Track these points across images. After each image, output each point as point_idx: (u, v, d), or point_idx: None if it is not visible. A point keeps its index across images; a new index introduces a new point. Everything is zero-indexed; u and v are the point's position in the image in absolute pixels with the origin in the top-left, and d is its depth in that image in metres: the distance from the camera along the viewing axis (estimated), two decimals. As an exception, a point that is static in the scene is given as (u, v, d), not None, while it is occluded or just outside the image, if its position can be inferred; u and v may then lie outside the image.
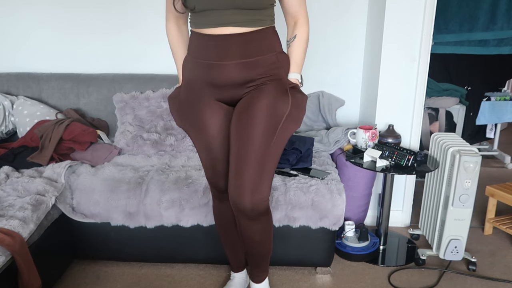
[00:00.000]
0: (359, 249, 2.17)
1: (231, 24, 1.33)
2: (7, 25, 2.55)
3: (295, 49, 1.45)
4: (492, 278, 2.01)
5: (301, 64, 1.47)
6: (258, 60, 1.37)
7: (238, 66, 1.36)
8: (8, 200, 1.77)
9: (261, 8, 1.34)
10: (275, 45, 1.41)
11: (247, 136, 1.36)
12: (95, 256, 2.05)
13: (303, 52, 1.47)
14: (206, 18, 1.34)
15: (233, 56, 1.35)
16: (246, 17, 1.33)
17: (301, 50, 1.45)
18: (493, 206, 2.40)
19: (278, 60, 1.42)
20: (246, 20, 1.33)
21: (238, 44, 1.34)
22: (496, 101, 3.46)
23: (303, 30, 1.45)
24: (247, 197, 1.39)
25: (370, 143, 2.15)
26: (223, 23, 1.33)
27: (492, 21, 3.27)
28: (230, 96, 1.44)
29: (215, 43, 1.35)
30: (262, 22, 1.36)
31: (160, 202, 1.87)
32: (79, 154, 2.15)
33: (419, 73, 2.24)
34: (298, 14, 1.44)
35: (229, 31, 1.33)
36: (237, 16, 1.32)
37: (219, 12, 1.32)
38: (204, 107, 1.44)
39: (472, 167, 1.87)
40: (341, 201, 1.85)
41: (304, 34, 1.45)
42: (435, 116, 3.37)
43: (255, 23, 1.35)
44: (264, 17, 1.37)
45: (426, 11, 2.14)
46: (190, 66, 1.46)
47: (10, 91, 2.49)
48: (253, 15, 1.33)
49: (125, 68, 2.60)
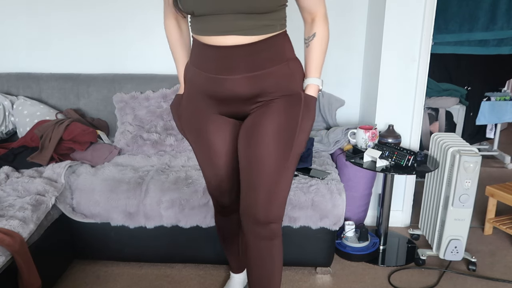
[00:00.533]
0: (359, 249, 2.17)
1: (233, 32, 1.15)
2: (7, 25, 2.55)
3: (315, 49, 1.28)
4: (492, 278, 2.01)
5: (321, 67, 1.31)
6: (267, 73, 1.21)
7: (244, 81, 1.20)
8: (8, 200, 1.77)
9: (270, 12, 1.16)
10: (285, 52, 1.25)
11: (258, 160, 1.24)
12: (95, 256, 2.05)
13: (324, 52, 1.30)
14: (205, 25, 1.18)
15: (238, 70, 1.19)
16: (252, 22, 1.15)
17: (321, 50, 1.29)
18: (493, 206, 2.40)
19: (290, 69, 1.26)
20: (251, 27, 1.15)
21: (243, 56, 1.17)
22: (496, 101, 3.46)
23: (323, 28, 1.28)
24: (262, 215, 1.28)
25: (370, 143, 2.15)
26: (224, 30, 1.16)
27: (492, 21, 3.27)
28: (236, 111, 1.30)
29: (216, 54, 1.19)
30: (270, 28, 1.18)
31: (160, 202, 1.87)
32: (79, 154, 2.15)
33: (419, 73, 2.24)
34: (316, 10, 1.26)
35: (232, 41, 1.16)
36: (241, 22, 1.14)
37: (219, 18, 1.15)
38: (208, 122, 1.32)
39: (472, 167, 1.87)
40: (341, 201, 1.85)
41: (324, 32, 1.28)
42: (435, 116, 3.37)
43: (263, 30, 1.17)
44: (273, 22, 1.18)
45: (426, 11, 2.14)
46: (191, 75, 1.31)
47: (10, 91, 2.49)
48: (259, 20, 1.15)
49: (125, 68, 2.60)
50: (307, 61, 1.30)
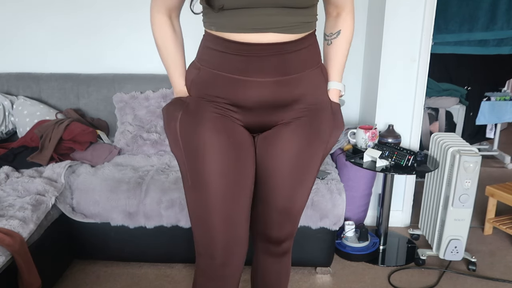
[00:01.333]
0: (359, 249, 2.17)
1: (273, 29, 0.99)
2: (8, 25, 2.54)
3: (339, 49, 1.14)
4: (492, 278, 2.01)
5: (343, 70, 1.17)
6: (301, 77, 1.06)
7: (273, 85, 1.04)
8: (8, 200, 1.77)
9: (311, 6, 1.03)
10: (319, 54, 1.12)
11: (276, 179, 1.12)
12: (95, 256, 2.05)
13: (347, 53, 1.16)
14: (236, 20, 0.99)
15: (269, 71, 1.02)
16: (293, 18, 1.00)
17: (345, 50, 1.15)
18: (493, 206, 2.40)
19: (324, 75, 1.13)
20: (292, 24, 1.00)
21: (277, 56, 1.02)
22: (496, 101, 3.46)
23: (349, 25, 1.14)
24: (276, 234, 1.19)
25: (370, 143, 2.15)
26: (261, 27, 0.99)
27: (492, 21, 3.27)
28: (258, 121, 1.10)
29: (246, 53, 1.01)
30: (308, 25, 1.05)
31: (160, 202, 1.87)
32: (79, 154, 2.15)
33: (419, 73, 2.24)
34: (344, 4, 1.11)
35: (269, 38, 1.00)
36: (282, 17, 0.99)
37: (255, 12, 0.98)
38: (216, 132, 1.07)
39: (472, 167, 1.87)
40: (341, 201, 1.85)
41: (350, 30, 1.15)
42: (435, 116, 3.37)
43: (302, 27, 1.03)
44: (312, 18, 1.05)
45: (426, 11, 2.14)
46: (205, 77, 1.08)
47: (10, 91, 2.49)
48: (300, 16, 1.01)
49: (125, 68, 2.60)
50: (329, 61, 1.16)
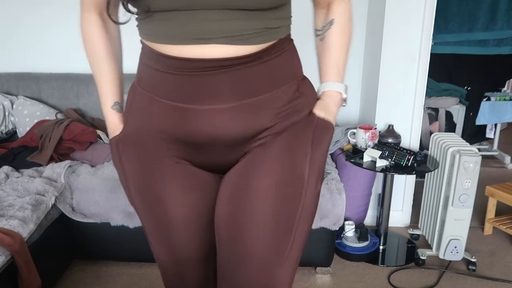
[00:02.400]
0: (359, 249, 2.17)
1: (218, 39, 0.73)
2: (7, 25, 2.54)
3: (333, 41, 0.87)
4: (492, 278, 2.01)
5: (344, 67, 0.89)
6: (268, 99, 0.79)
7: (231, 112, 0.77)
8: (8, 200, 1.77)
9: (274, 7, 0.74)
10: (295, 66, 0.84)
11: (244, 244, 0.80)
12: (95, 256, 2.05)
13: (347, 46, 0.89)
14: (170, 26, 0.73)
15: (222, 96, 0.76)
16: (249, 24, 0.73)
17: (342, 42, 0.88)
18: (493, 206, 2.40)
19: (301, 92, 0.83)
20: (248, 32, 0.73)
21: (233, 74, 0.75)
22: (496, 101, 3.46)
23: (343, 12, 0.88)
24: None
25: (370, 143, 2.15)
26: (204, 37, 0.73)
27: (492, 21, 3.27)
28: (214, 161, 0.85)
29: (190, 72, 0.75)
30: (274, 32, 0.77)
31: (160, 202, 1.86)
32: (79, 154, 2.15)
33: (419, 73, 2.24)
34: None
35: (217, 52, 0.73)
36: (232, 23, 0.72)
37: (195, 16, 0.71)
38: (167, 178, 0.84)
39: (472, 167, 1.87)
40: (341, 201, 1.85)
41: (345, 17, 0.88)
42: (435, 116, 3.37)
43: (264, 36, 0.76)
44: (278, 23, 0.78)
45: (426, 11, 2.14)
46: (140, 103, 0.84)
47: (10, 91, 2.49)
48: (259, 21, 0.74)
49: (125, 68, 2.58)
50: (322, 59, 0.90)
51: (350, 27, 0.91)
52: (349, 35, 0.90)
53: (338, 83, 0.89)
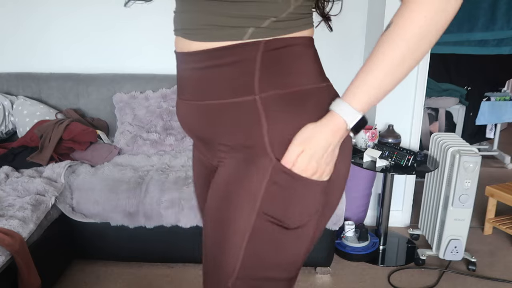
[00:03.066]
0: (359, 249, 2.17)
1: (179, 30, 0.74)
2: (7, 25, 2.54)
3: (375, 50, 0.66)
4: (492, 278, 2.01)
5: (371, 88, 0.67)
6: (222, 107, 0.71)
7: (191, 108, 0.76)
8: (8, 200, 1.77)
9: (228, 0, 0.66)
10: (256, 79, 0.69)
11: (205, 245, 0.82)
12: (95, 256, 2.05)
13: (391, 62, 0.64)
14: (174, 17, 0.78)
15: (186, 90, 0.76)
16: (198, 16, 0.69)
17: (385, 55, 0.65)
18: (493, 206, 2.40)
19: (259, 111, 0.69)
20: (197, 24, 0.70)
21: (192, 70, 0.74)
22: (496, 101, 3.46)
23: (410, 13, 0.61)
24: None
25: (370, 143, 2.15)
26: (174, 27, 0.76)
27: (491, 21, 3.27)
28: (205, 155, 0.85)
29: (178, 64, 0.79)
30: (232, 31, 0.68)
31: (159, 202, 1.87)
32: (79, 154, 2.15)
33: (419, 73, 2.24)
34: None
35: (181, 45, 0.74)
36: (186, 14, 0.72)
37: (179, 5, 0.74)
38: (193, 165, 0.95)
39: (472, 167, 1.87)
40: (341, 201, 1.85)
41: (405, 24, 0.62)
42: (435, 116, 3.37)
43: (212, 32, 0.69)
44: (242, 21, 0.67)
45: (426, 11, 2.14)
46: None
47: (10, 91, 2.49)
48: (210, 14, 0.68)
49: (125, 68, 2.60)
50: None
51: (411, 36, 0.62)
52: (404, 49, 0.63)
53: (347, 105, 0.68)
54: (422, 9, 0.60)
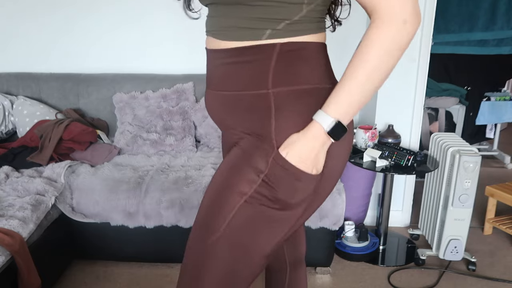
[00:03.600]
0: (359, 249, 2.17)
1: (210, 32, 0.86)
2: (7, 25, 2.55)
3: (349, 66, 0.75)
4: (492, 278, 2.01)
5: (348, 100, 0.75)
6: (237, 97, 0.82)
7: (215, 98, 0.88)
8: (8, 200, 1.77)
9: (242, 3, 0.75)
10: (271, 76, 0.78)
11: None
12: (94, 256, 2.05)
13: (359, 80, 0.73)
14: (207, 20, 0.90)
15: (214, 82, 0.88)
16: (224, 21, 0.80)
17: (354, 72, 0.73)
18: (493, 206, 2.40)
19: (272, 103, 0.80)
20: (223, 27, 0.81)
21: (217, 64, 0.85)
22: (496, 101, 3.46)
23: (377, 35, 0.71)
24: None
25: (370, 143, 2.15)
26: (206, 29, 0.89)
27: (491, 21, 3.28)
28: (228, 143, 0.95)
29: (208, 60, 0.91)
30: (250, 32, 0.77)
31: (159, 202, 1.87)
32: (79, 154, 2.15)
33: (419, 73, 2.24)
34: (373, 3, 0.71)
35: (211, 43, 0.86)
36: (217, 18, 0.83)
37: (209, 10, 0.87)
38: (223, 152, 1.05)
39: (472, 167, 1.87)
40: (341, 201, 1.85)
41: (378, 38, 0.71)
42: (434, 116, 3.37)
43: (236, 33, 0.79)
44: (259, 23, 0.76)
45: (426, 11, 2.14)
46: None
47: (10, 91, 2.49)
48: (232, 18, 0.78)
49: (125, 68, 2.60)
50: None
51: (379, 55, 0.71)
52: (373, 64, 0.72)
53: (322, 112, 0.76)
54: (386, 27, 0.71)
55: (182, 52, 2.55)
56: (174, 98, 2.38)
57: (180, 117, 2.36)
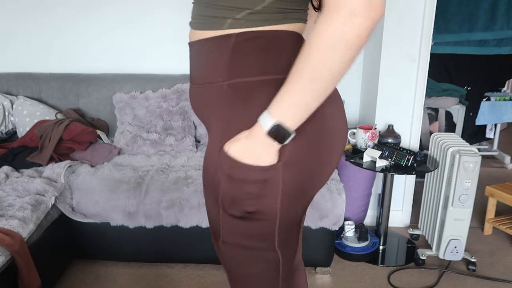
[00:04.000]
0: (359, 249, 2.17)
1: (190, 22, 0.84)
2: (7, 25, 2.55)
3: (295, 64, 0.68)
4: (492, 278, 2.01)
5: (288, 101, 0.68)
6: (203, 90, 0.81)
7: (193, 91, 0.86)
8: (7, 200, 1.77)
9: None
10: (227, 67, 0.75)
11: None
12: (94, 256, 2.05)
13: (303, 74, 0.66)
14: None
15: (191, 74, 0.86)
16: (197, 10, 0.79)
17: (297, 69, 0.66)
18: (493, 206, 2.40)
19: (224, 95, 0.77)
20: (197, 17, 0.79)
21: (193, 58, 0.84)
22: (496, 101, 3.46)
23: (321, 28, 0.63)
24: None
25: (370, 143, 2.15)
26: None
27: (491, 21, 3.28)
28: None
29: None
30: (210, 21, 0.76)
31: (159, 202, 1.87)
32: (79, 154, 2.15)
33: (419, 73, 2.24)
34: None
35: (190, 36, 0.84)
36: (194, 6, 0.81)
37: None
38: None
39: (472, 167, 1.87)
40: (341, 201, 1.85)
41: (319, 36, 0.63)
42: (434, 116, 3.37)
43: (203, 23, 0.78)
44: (221, 13, 0.74)
45: (426, 11, 2.14)
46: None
47: (10, 91, 2.49)
48: (202, 7, 0.77)
49: (125, 68, 2.60)
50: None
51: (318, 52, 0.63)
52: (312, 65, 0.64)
53: (267, 115, 0.70)
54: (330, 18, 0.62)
55: (182, 52, 2.55)
56: (174, 98, 2.38)
57: (180, 117, 2.36)
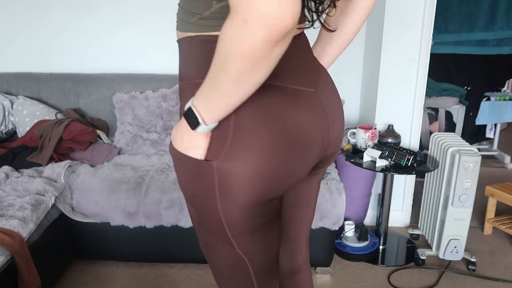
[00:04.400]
0: (358, 249, 2.17)
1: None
2: (7, 25, 2.54)
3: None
4: (492, 278, 2.01)
5: (202, 93, 0.68)
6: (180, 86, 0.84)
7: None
8: (7, 200, 1.77)
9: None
10: (186, 67, 0.79)
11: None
12: (94, 256, 2.05)
13: (211, 73, 0.64)
14: None
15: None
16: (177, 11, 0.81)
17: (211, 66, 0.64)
18: (493, 206, 2.40)
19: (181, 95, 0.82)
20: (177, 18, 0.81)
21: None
22: (496, 101, 3.46)
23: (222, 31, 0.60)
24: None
25: (370, 143, 2.15)
26: None
27: (491, 21, 3.28)
28: None
29: None
30: (181, 23, 0.78)
31: (159, 202, 1.87)
32: (79, 154, 2.15)
33: (419, 73, 2.24)
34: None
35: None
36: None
37: None
38: None
39: (472, 167, 1.87)
40: (341, 201, 1.85)
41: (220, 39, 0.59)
42: (434, 116, 3.37)
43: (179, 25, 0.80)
44: (186, 16, 0.76)
45: (426, 11, 2.14)
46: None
47: (10, 91, 2.49)
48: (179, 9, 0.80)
49: (125, 68, 2.60)
50: None
51: (218, 55, 0.61)
52: (217, 66, 0.62)
53: (190, 100, 0.71)
54: (227, 24, 0.58)
55: (182, 52, 2.55)
56: (174, 98, 2.38)
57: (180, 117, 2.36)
